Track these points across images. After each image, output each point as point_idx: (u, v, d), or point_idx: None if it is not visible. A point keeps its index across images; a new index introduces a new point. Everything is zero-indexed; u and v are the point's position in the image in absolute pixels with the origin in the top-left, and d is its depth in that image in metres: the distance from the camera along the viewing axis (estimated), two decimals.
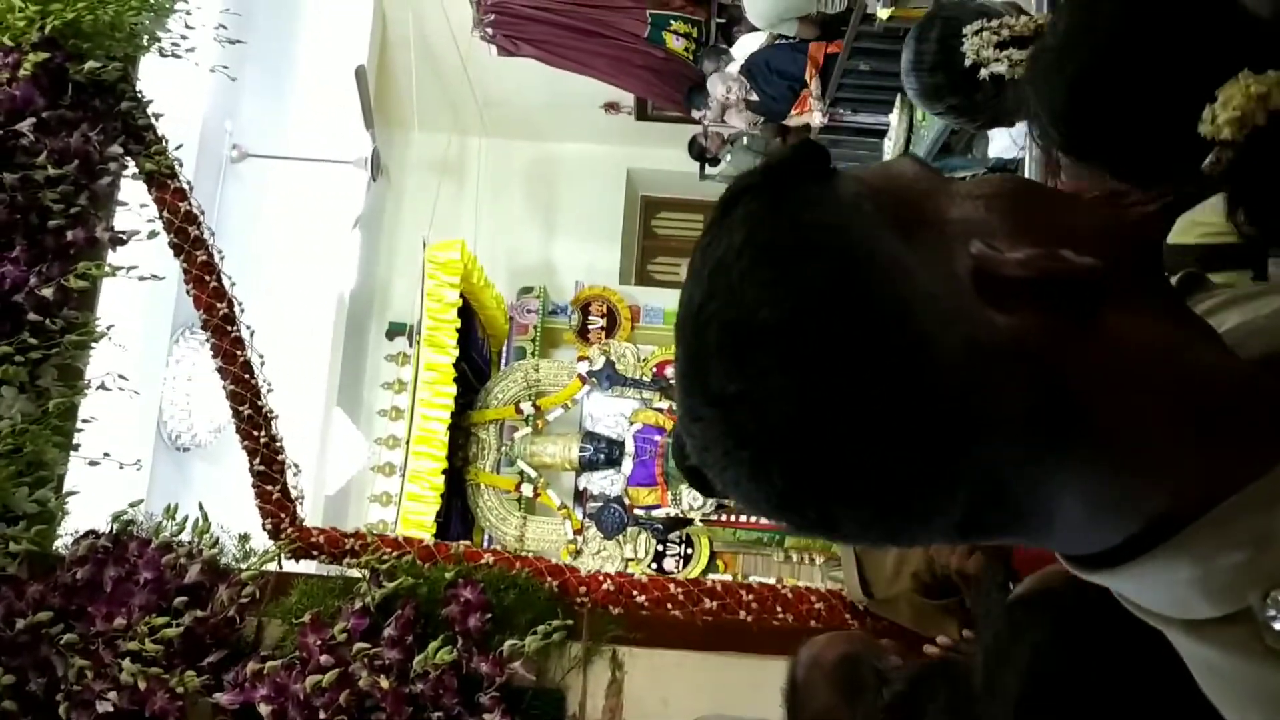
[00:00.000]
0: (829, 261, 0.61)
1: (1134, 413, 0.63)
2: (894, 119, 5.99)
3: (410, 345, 8.10)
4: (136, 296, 4.59)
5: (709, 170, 7.58)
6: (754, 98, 6.23)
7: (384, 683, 2.17)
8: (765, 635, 2.38)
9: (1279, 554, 0.60)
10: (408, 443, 7.02)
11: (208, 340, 2.53)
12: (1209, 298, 0.87)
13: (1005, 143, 5.30)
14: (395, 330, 8.48)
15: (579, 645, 2.39)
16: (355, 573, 2.46)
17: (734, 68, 6.36)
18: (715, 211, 0.69)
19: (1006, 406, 0.61)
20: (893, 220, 0.64)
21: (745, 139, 6.88)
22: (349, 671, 2.21)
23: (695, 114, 6.94)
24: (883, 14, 5.10)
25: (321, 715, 2.20)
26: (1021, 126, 4.99)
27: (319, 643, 2.23)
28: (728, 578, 6.55)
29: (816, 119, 5.73)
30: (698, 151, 7.25)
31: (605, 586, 2.41)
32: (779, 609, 2.36)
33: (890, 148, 6.08)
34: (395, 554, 2.40)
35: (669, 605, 2.39)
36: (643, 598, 2.39)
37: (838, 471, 0.62)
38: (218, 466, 5.89)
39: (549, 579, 2.41)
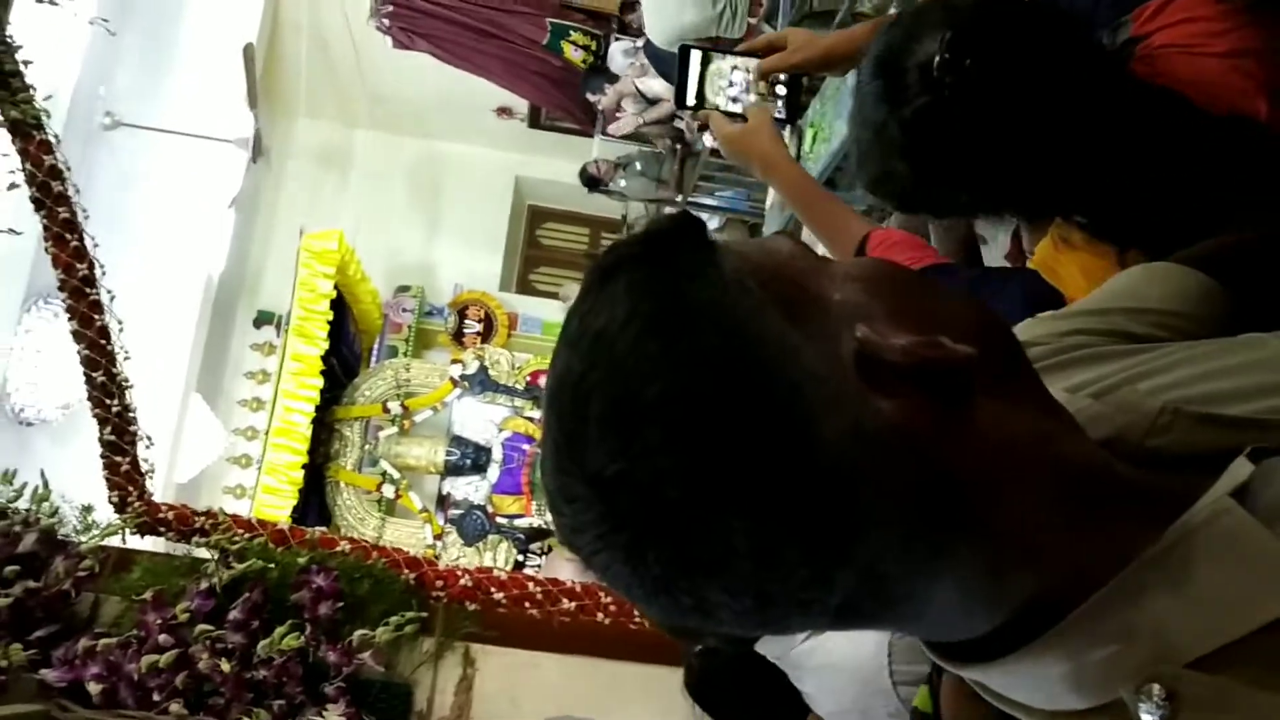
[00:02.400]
0: (718, 338, 0.60)
1: (1007, 501, 0.64)
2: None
3: (278, 335, 7.91)
4: None
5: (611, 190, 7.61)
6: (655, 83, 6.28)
7: (225, 666, 2.09)
8: (621, 639, 2.37)
9: (1147, 646, 0.62)
10: (267, 434, 6.84)
11: (64, 301, 2.41)
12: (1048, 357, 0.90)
13: None
14: (264, 319, 8.27)
15: (431, 640, 2.34)
16: (203, 553, 2.37)
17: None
18: (591, 277, 0.67)
19: (891, 492, 0.61)
20: (776, 299, 0.63)
21: (639, 163, 6.92)
22: (189, 653, 2.13)
23: (590, 97, 6.94)
24: None
25: (156, 697, 2.11)
26: None
27: (159, 621, 2.14)
28: None
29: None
30: (588, 179, 7.29)
31: (463, 582, 2.37)
32: (636, 613, 2.35)
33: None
34: (247, 535, 2.32)
35: (526, 604, 2.36)
36: (500, 595, 2.36)
37: (719, 557, 0.60)
38: (63, 446, 5.63)
39: (406, 571, 2.36)
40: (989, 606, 0.65)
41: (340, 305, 7.17)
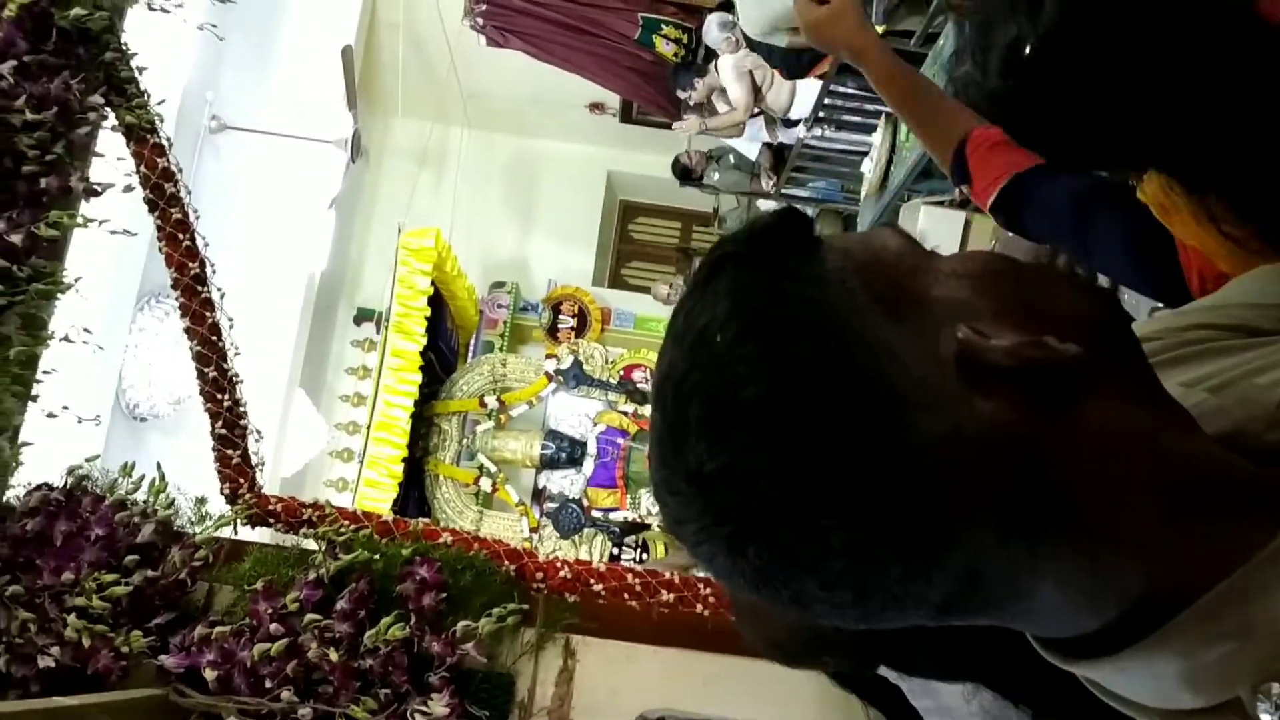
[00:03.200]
0: (816, 340, 0.61)
1: (1113, 499, 0.63)
2: (877, 139, 6.02)
3: (378, 332, 8.06)
4: (104, 261, 4.53)
5: (703, 182, 7.59)
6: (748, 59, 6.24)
7: (333, 655, 2.14)
8: (721, 632, 2.36)
9: (1265, 645, 0.61)
10: (369, 429, 6.97)
11: (177, 300, 2.49)
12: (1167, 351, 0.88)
13: None
14: (364, 315, 8.43)
15: (532, 631, 2.37)
16: (310, 544, 2.43)
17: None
18: (698, 274, 0.68)
19: (987, 493, 0.61)
20: (878, 298, 0.64)
21: (731, 155, 6.89)
22: (298, 642, 2.18)
23: (680, 93, 6.93)
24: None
25: (268, 684, 2.17)
26: None
27: (270, 611, 2.20)
28: None
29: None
30: (681, 170, 7.28)
31: (562, 574, 2.39)
32: (735, 618, 2.35)
33: (871, 168, 6.11)
34: (353, 527, 2.37)
35: (625, 595, 2.37)
36: (599, 586, 2.38)
37: (815, 554, 0.61)
38: (174, 439, 5.82)
39: (506, 563, 2.39)
40: (1097, 604, 0.64)
41: (438, 301, 7.28)
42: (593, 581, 2.38)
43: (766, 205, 8.23)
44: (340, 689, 2.16)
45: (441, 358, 7.65)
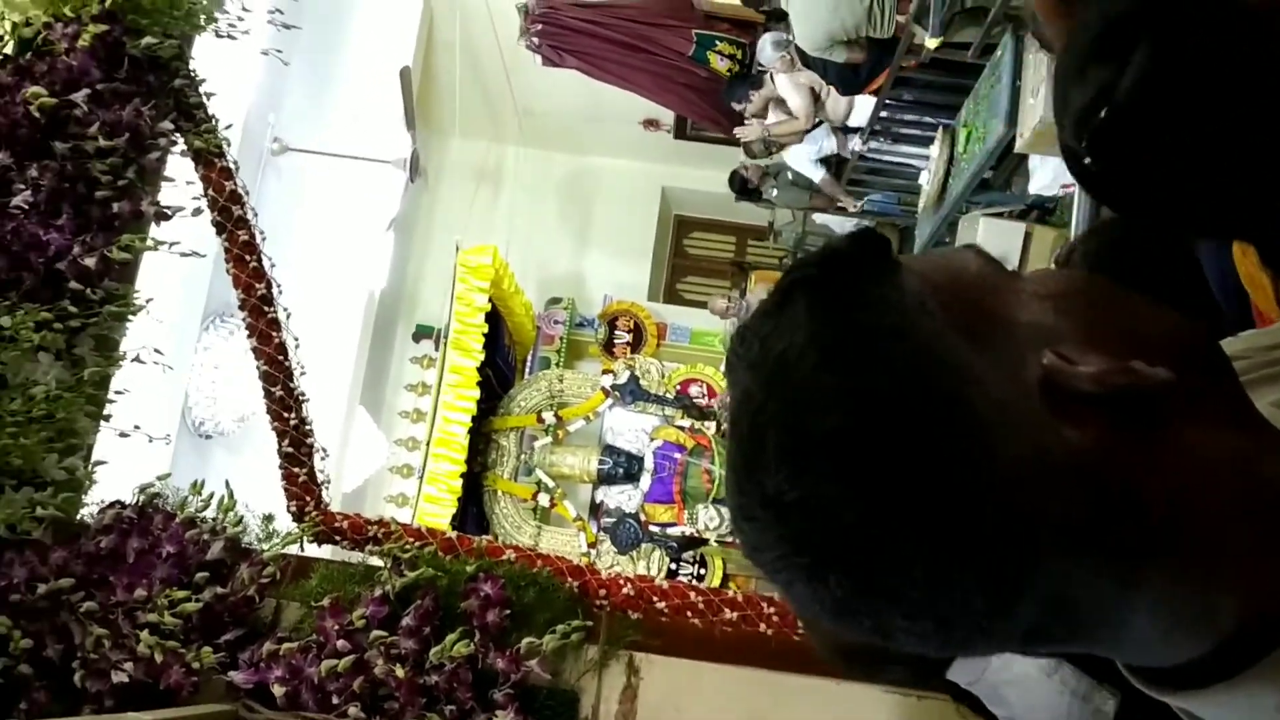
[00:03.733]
0: (896, 368, 0.60)
1: (1206, 527, 0.61)
2: (935, 151, 5.98)
3: (436, 348, 8.14)
4: (171, 281, 4.62)
5: (762, 198, 7.57)
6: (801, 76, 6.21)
7: (399, 671, 2.16)
8: (784, 650, 2.35)
9: None
10: (428, 445, 7.03)
11: (244, 320, 2.54)
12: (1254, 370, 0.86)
13: (1047, 179, 5.29)
14: (422, 333, 8.52)
15: (595, 648, 2.37)
16: (375, 561, 2.46)
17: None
18: (773, 297, 0.68)
19: (1074, 520, 0.59)
20: (959, 322, 0.62)
21: (790, 173, 6.87)
22: (365, 658, 2.20)
23: (735, 105, 6.92)
24: (930, 44, 5.10)
25: (335, 700, 2.19)
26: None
27: (337, 627, 2.22)
28: None
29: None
30: (739, 184, 7.26)
31: (625, 591, 2.39)
32: (800, 624, 2.33)
33: (928, 180, 6.07)
34: (417, 544, 2.39)
35: (689, 613, 2.37)
36: (662, 604, 2.37)
37: (897, 583, 0.60)
38: (239, 456, 5.91)
39: (569, 579, 2.39)
40: (1190, 634, 0.63)
41: (495, 318, 7.33)
42: (655, 599, 2.37)
43: (823, 219, 8.20)
44: (406, 705, 2.18)
45: (499, 374, 7.70)
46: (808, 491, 0.60)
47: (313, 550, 2.55)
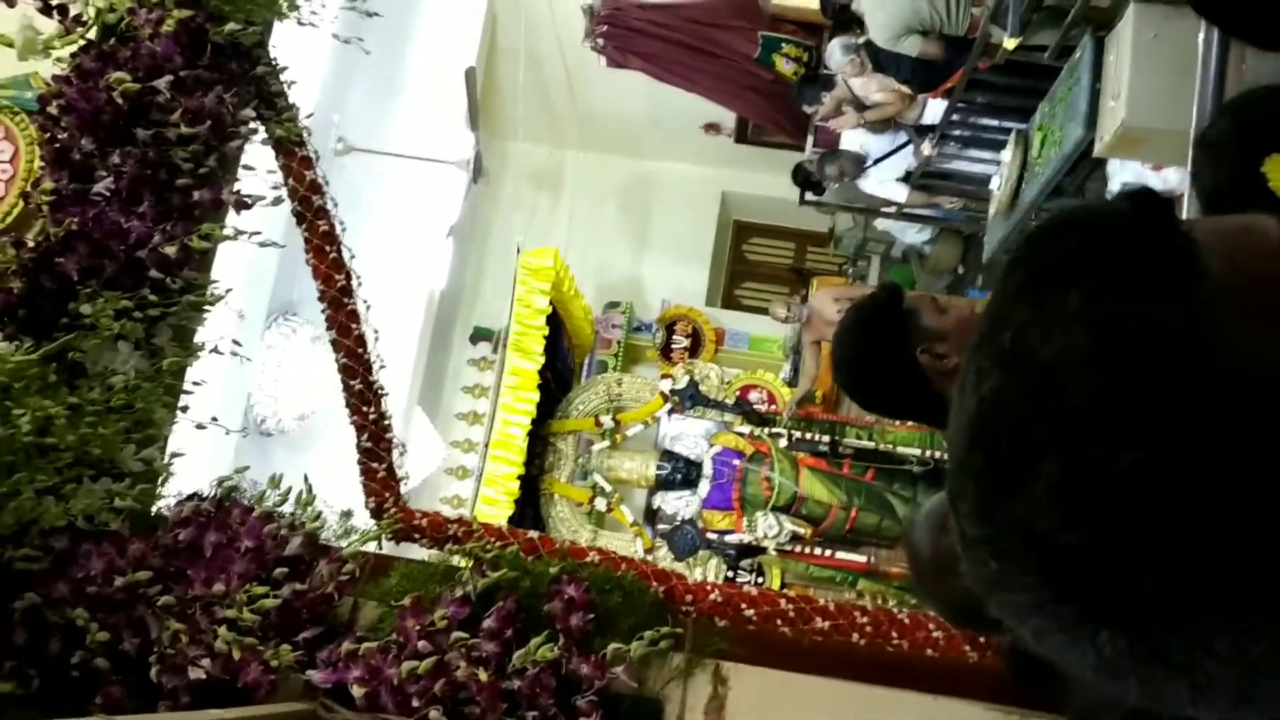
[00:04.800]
0: (1211, 395, 0.49)
1: None
2: (1007, 156, 5.85)
3: (494, 351, 8.11)
4: (235, 277, 4.62)
5: (808, 196, 7.46)
6: (873, 81, 6.11)
7: (482, 675, 2.09)
8: (876, 662, 2.25)
9: None
10: (486, 446, 6.99)
11: (323, 311, 2.49)
12: None
13: (1127, 181, 5.13)
14: (480, 335, 8.49)
15: (680, 656, 2.29)
16: (454, 560, 2.39)
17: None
18: (1025, 274, 0.56)
19: None
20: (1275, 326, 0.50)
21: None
22: (445, 660, 2.13)
23: (806, 109, 6.81)
24: (1008, 44, 4.97)
25: (414, 703, 2.12)
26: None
27: (418, 628, 2.16)
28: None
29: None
30: (802, 178, 7.15)
31: (712, 597, 2.30)
32: (894, 635, 2.24)
33: (1000, 185, 5.94)
34: (499, 544, 2.33)
35: (778, 621, 2.28)
36: (751, 611, 2.29)
37: (1192, 660, 0.50)
38: (300, 454, 5.90)
39: (655, 584, 2.31)
40: None
41: (554, 321, 7.28)
42: (744, 606, 2.29)
43: (885, 225, 8.07)
44: (488, 710, 2.11)
45: (558, 377, 7.64)
46: (1092, 538, 0.49)
47: (389, 548, 2.49)
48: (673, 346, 8.56)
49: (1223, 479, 0.48)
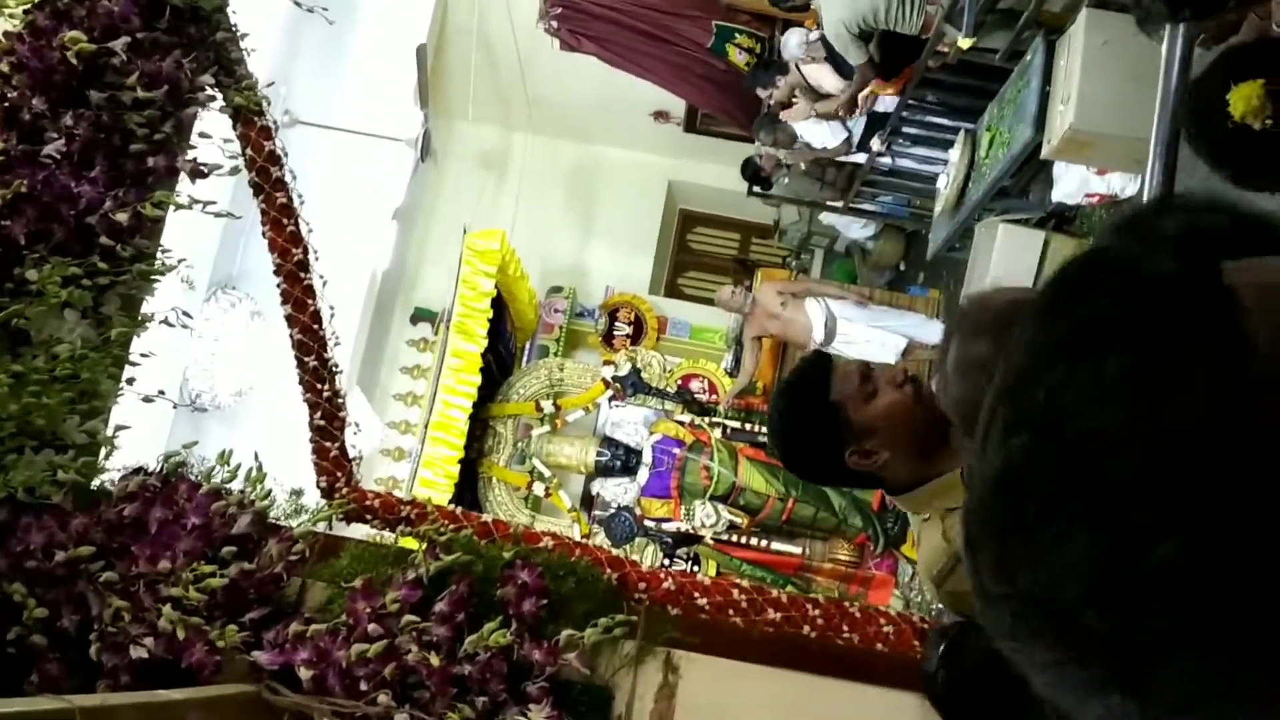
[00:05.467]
0: (1257, 485, 0.47)
1: None
2: (955, 155, 5.91)
3: (435, 332, 8.03)
4: (178, 249, 4.52)
5: (772, 188, 7.47)
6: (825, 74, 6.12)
7: (433, 659, 2.06)
8: (827, 655, 2.27)
9: None
10: (425, 428, 6.93)
11: (279, 285, 2.44)
12: None
13: (1071, 187, 5.21)
14: (421, 315, 8.41)
15: (632, 643, 2.28)
16: (407, 542, 2.36)
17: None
18: (1061, 329, 0.53)
19: None
20: None
21: (804, 165, 6.78)
22: (396, 644, 2.11)
23: (760, 92, 6.80)
24: (962, 43, 5.02)
25: (363, 686, 2.09)
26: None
27: (369, 610, 2.12)
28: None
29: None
30: (751, 171, 7.16)
31: (666, 585, 2.30)
32: (845, 628, 2.25)
33: (946, 184, 6.00)
34: (452, 527, 2.30)
35: (731, 611, 2.28)
36: (704, 600, 2.29)
37: None
38: (234, 430, 5.79)
39: (608, 571, 2.30)
40: None
41: (498, 304, 7.23)
42: (697, 595, 2.29)
43: (830, 219, 8.12)
44: (437, 695, 2.08)
45: (499, 360, 7.60)
46: (1120, 623, 0.48)
47: (341, 529, 2.45)
48: (615, 333, 8.54)
49: (1253, 568, 0.47)
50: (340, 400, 2.44)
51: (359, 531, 2.53)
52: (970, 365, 1.38)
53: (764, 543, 7.07)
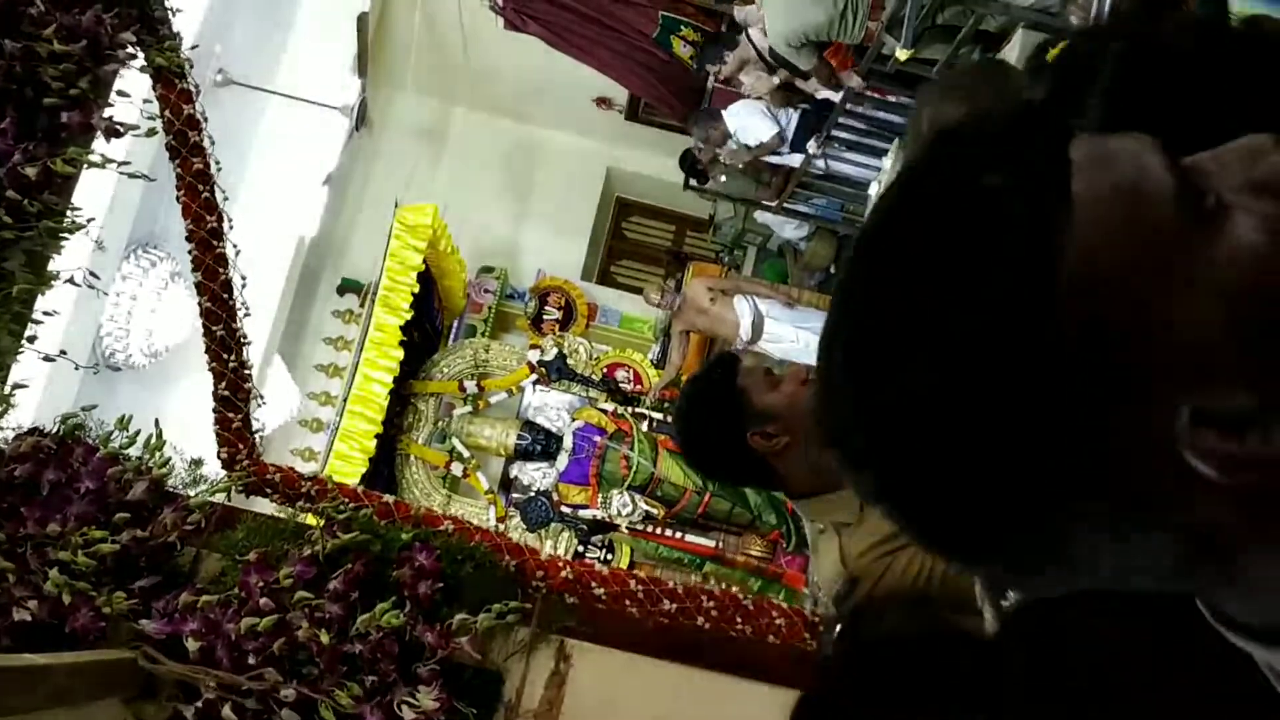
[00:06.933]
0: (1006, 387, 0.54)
1: None
2: (887, 163, 6.00)
3: (361, 304, 7.94)
4: (96, 206, 4.42)
5: (693, 182, 7.48)
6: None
7: (324, 637, 2.06)
8: (720, 647, 2.30)
9: None
10: (345, 401, 6.86)
11: (190, 252, 2.40)
12: None
13: None
14: (348, 286, 8.30)
15: (525, 630, 2.29)
16: (305, 519, 2.35)
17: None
18: (886, 223, 0.60)
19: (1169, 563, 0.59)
20: (1102, 338, 0.53)
21: (741, 164, 6.79)
22: (287, 619, 2.09)
23: (709, 68, 6.76)
24: (901, 55, 5.08)
25: (251, 660, 2.08)
26: None
27: (261, 584, 2.11)
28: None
29: (855, 81, 5.61)
30: (689, 163, 7.16)
31: (564, 574, 2.31)
32: (738, 620, 2.28)
33: (878, 191, 6.08)
34: (352, 505, 2.29)
35: (627, 602, 2.30)
36: (601, 590, 2.31)
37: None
38: (149, 392, 5.69)
39: (507, 557, 2.31)
40: None
41: (425, 279, 7.17)
42: (594, 584, 2.31)
43: (765, 218, 8.17)
44: (326, 672, 2.08)
45: (424, 337, 7.54)
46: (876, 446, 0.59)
47: (238, 502, 2.43)
48: (544, 317, 8.52)
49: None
50: (247, 371, 2.42)
51: (264, 507, 2.51)
52: None
53: (679, 534, 7.12)
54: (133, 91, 2.58)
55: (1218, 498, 0.53)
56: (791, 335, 6.55)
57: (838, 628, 1.65)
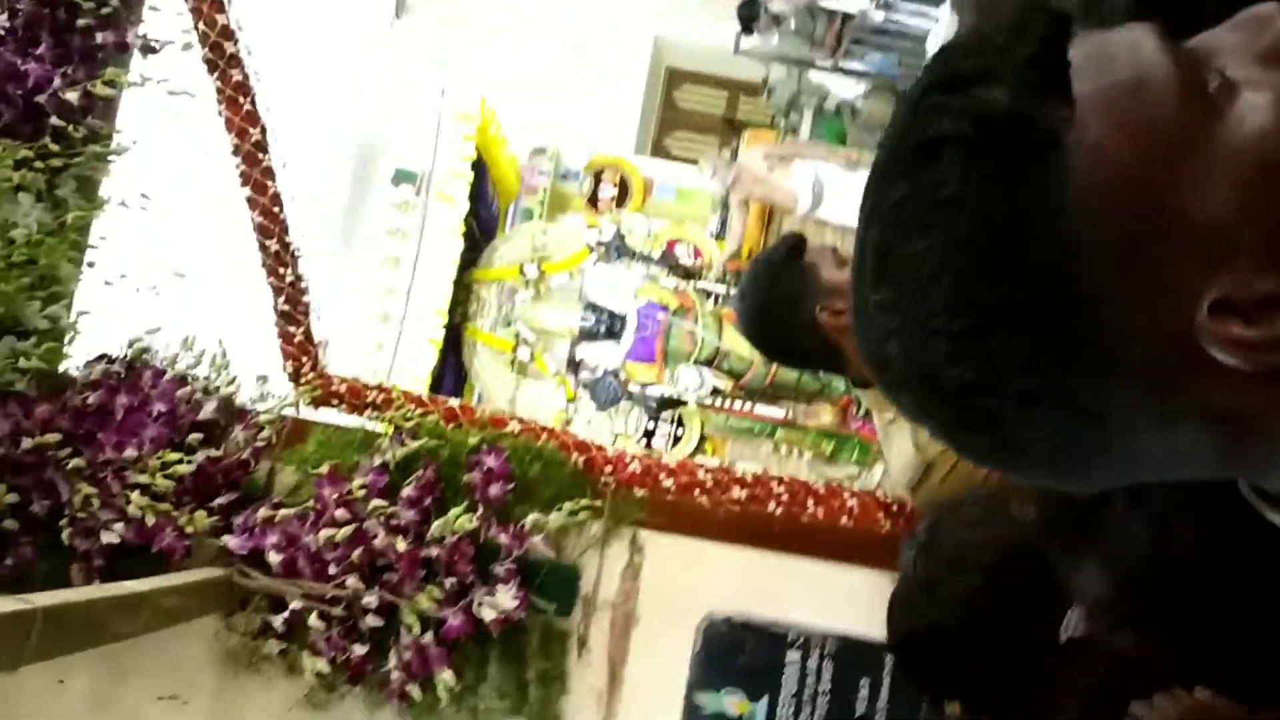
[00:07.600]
0: (1022, 292, 0.55)
1: None
2: (945, 13, 5.77)
3: (416, 194, 7.91)
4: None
5: (744, 45, 7.26)
6: None
7: (400, 544, 2.09)
8: (792, 532, 2.31)
9: None
10: (408, 294, 6.89)
11: (237, 168, 2.38)
12: None
13: None
14: (402, 177, 8.24)
15: (598, 524, 2.32)
16: (373, 426, 2.37)
17: None
18: (904, 145, 0.61)
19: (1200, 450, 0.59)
20: (1116, 235, 0.53)
21: (793, 20, 6.57)
22: (363, 529, 2.13)
23: None
24: None
25: (332, 570, 2.13)
26: None
27: (335, 496, 2.15)
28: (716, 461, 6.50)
29: None
30: (746, 12, 6.90)
31: (631, 467, 2.32)
32: (810, 504, 2.28)
33: (936, 45, 5.86)
34: (419, 411, 2.31)
35: (696, 491, 2.31)
36: (670, 481, 2.31)
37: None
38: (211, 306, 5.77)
39: (574, 454, 2.32)
40: None
41: (479, 166, 7.11)
42: (662, 476, 2.31)
43: (820, 78, 7.95)
44: (406, 577, 2.12)
45: (482, 224, 7.52)
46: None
47: (307, 414, 2.46)
48: (600, 196, 8.43)
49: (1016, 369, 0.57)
50: (304, 285, 2.42)
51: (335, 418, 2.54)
52: None
53: (748, 406, 7.13)
54: (167, 5, 2.54)
55: (1245, 384, 0.53)
56: (854, 200, 6.43)
57: (913, 552, 1.63)
